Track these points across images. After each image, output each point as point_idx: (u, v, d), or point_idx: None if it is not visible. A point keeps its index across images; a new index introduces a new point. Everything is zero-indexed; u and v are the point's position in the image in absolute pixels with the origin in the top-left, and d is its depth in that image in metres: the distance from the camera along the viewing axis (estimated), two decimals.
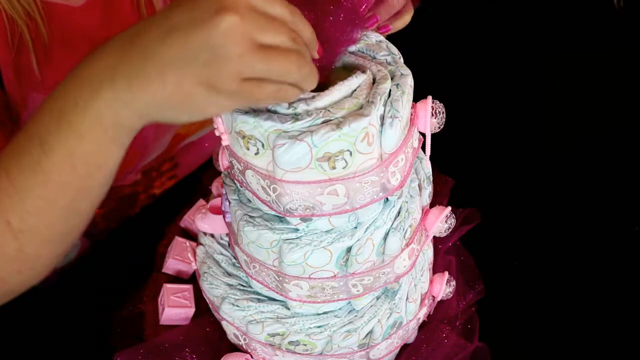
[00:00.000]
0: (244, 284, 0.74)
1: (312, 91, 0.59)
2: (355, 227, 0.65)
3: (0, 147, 0.76)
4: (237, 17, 0.50)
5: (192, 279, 0.84)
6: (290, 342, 0.71)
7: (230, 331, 0.75)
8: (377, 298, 0.72)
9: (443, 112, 0.65)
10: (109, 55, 0.55)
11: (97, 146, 0.57)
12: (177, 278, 0.85)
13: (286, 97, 0.55)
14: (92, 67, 0.56)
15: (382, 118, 0.60)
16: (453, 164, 0.87)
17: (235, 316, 0.72)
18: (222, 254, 0.75)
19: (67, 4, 0.84)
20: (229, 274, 0.74)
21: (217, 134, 0.62)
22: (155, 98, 0.53)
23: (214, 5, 0.50)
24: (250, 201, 0.67)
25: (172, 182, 1.08)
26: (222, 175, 0.71)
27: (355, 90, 0.61)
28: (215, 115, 0.60)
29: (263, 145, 0.59)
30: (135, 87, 0.53)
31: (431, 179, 0.72)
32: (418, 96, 0.65)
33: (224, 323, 0.74)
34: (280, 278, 0.67)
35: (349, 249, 0.66)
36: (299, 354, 0.72)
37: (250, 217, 0.66)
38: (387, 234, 0.66)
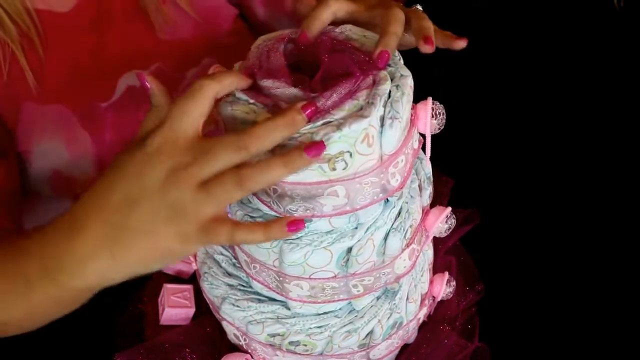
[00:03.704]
0: (244, 284, 0.73)
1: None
2: (356, 228, 0.65)
3: (2, 178, 0.80)
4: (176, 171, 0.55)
5: (192, 279, 0.84)
6: (291, 342, 0.71)
7: (231, 331, 0.75)
8: (378, 298, 0.72)
9: (443, 114, 0.66)
10: (89, 235, 0.59)
11: (78, 294, 0.63)
12: (177, 278, 0.85)
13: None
14: (75, 245, 0.59)
15: (382, 119, 0.60)
16: (453, 165, 0.87)
17: (236, 316, 0.72)
18: (222, 254, 0.75)
19: (53, 10, 0.84)
20: (229, 274, 0.74)
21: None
22: (138, 261, 0.58)
23: (157, 173, 0.55)
24: (251, 202, 0.67)
25: None
26: None
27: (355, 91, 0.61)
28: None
29: None
30: (118, 257, 0.58)
31: (431, 180, 0.72)
32: (416, 97, 0.65)
33: (224, 323, 0.74)
34: (281, 278, 0.67)
35: (349, 250, 0.66)
36: (299, 354, 0.72)
37: (251, 217, 0.66)
38: (387, 235, 0.66)
